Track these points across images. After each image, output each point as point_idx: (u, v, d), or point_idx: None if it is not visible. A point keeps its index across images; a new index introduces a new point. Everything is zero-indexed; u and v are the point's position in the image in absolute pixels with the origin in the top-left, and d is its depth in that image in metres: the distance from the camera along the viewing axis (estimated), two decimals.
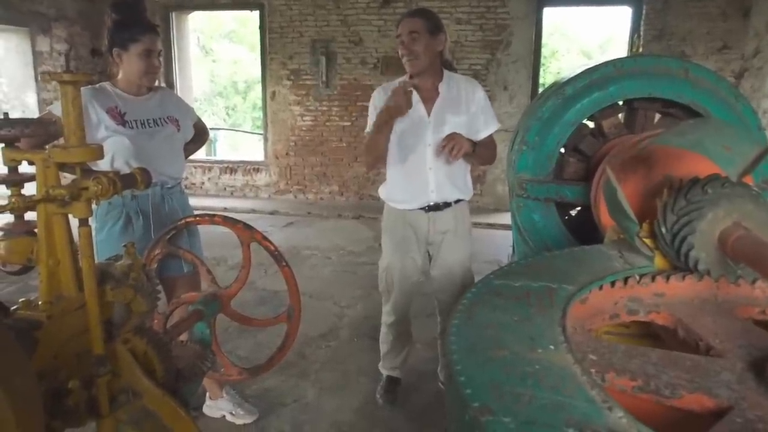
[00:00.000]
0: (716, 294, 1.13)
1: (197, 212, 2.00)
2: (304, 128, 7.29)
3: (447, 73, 2.17)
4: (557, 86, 1.83)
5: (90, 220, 1.08)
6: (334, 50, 6.96)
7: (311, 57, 7.03)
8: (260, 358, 2.15)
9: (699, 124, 1.43)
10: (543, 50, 7.34)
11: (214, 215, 1.72)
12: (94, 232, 1.90)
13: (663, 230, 1.13)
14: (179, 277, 2.11)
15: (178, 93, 7.01)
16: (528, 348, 0.78)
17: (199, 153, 6.11)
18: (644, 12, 6.16)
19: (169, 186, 2.08)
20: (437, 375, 2.57)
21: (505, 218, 3.94)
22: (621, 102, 1.83)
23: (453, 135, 2.04)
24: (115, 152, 1.90)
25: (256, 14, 7.24)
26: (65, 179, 1.09)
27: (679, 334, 1.04)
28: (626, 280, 1.13)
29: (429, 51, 2.06)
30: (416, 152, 2.14)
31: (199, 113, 2.49)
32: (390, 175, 2.26)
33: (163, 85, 3.71)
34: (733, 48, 5.98)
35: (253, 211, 6.66)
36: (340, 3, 6.83)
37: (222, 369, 1.82)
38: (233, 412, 2.28)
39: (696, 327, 1.00)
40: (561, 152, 1.79)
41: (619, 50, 11.85)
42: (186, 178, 7.34)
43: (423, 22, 2.05)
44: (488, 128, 2.18)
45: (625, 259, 1.17)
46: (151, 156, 1.95)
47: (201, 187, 7.81)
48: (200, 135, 2.30)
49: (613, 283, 1.11)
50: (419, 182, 2.17)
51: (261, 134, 8.02)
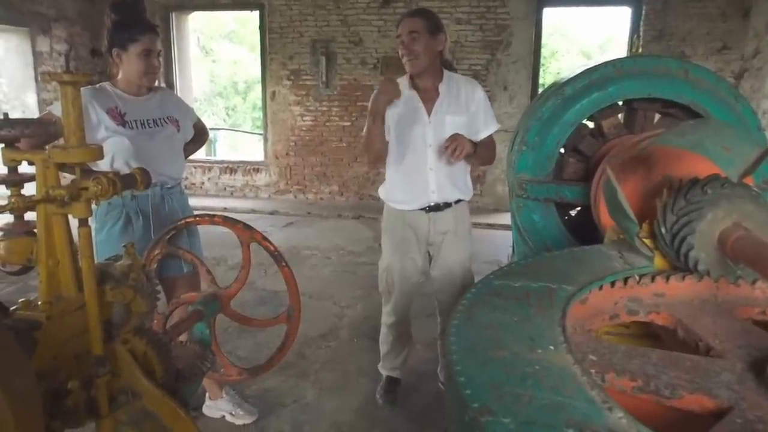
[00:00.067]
0: (716, 294, 1.13)
1: (197, 212, 1.99)
2: (304, 128, 7.29)
3: (447, 73, 2.17)
4: (557, 86, 1.83)
5: (90, 221, 1.08)
6: (334, 50, 6.96)
7: (311, 57, 7.04)
8: (260, 359, 2.15)
9: (699, 125, 1.43)
10: (543, 50, 7.35)
11: (214, 215, 1.72)
12: (94, 233, 1.90)
13: (663, 230, 1.13)
14: (179, 278, 2.11)
15: (178, 93, 7.01)
16: (528, 348, 0.78)
17: (199, 153, 6.12)
18: (644, 12, 6.16)
19: (169, 186, 2.08)
20: (437, 375, 2.56)
21: (505, 218, 3.94)
22: (621, 102, 1.83)
23: (455, 136, 2.04)
24: (115, 152, 1.90)
25: (256, 14, 7.24)
26: (65, 179, 1.09)
27: (679, 335, 1.04)
28: (626, 281, 1.13)
29: (429, 51, 2.06)
30: (416, 153, 2.14)
31: (199, 113, 2.49)
32: (390, 176, 2.26)
33: (163, 86, 3.71)
34: (733, 48, 5.98)
35: (253, 212, 6.66)
36: (340, 3, 6.83)
37: (222, 369, 1.82)
38: (233, 413, 2.28)
39: (696, 327, 1.00)
40: (561, 152, 1.79)
41: (619, 51, 11.87)
42: (186, 178, 7.35)
43: (423, 22, 2.05)
44: (488, 128, 2.18)
45: (625, 260, 1.17)
46: (151, 156, 1.95)
47: (201, 187, 7.81)
48: (200, 135, 2.30)
49: (613, 284, 1.11)
50: (420, 183, 2.17)
51: (261, 134, 8.02)
